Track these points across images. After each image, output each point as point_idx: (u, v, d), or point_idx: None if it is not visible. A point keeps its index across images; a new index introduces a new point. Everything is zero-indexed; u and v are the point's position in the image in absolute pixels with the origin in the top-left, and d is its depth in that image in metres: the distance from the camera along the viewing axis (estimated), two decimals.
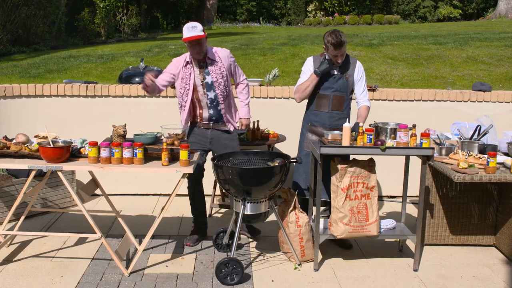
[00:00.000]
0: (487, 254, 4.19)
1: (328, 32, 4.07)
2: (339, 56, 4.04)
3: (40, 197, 4.89)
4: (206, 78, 4.02)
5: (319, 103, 4.23)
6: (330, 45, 3.99)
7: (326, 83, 4.17)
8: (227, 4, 28.11)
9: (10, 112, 5.36)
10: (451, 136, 4.63)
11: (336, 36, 3.97)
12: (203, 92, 4.04)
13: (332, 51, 4.01)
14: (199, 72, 4.03)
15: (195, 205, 4.31)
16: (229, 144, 4.14)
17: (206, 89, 4.03)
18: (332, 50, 4.01)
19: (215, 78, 4.01)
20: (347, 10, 22.71)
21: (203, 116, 4.12)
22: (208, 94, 4.04)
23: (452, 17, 29.04)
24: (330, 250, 4.11)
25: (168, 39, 13.08)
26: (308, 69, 4.21)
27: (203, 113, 4.11)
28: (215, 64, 4.03)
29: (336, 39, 3.97)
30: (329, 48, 4.02)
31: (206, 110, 4.09)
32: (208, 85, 4.02)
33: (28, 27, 11.49)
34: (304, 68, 4.23)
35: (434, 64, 7.78)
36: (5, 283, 3.49)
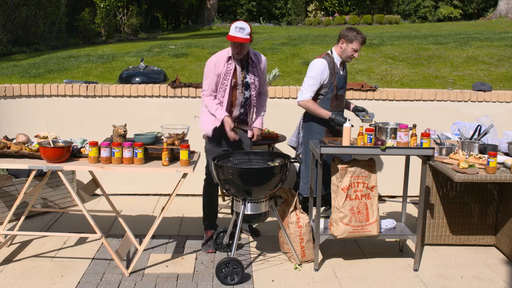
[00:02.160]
0: (488, 254, 4.19)
1: (349, 28, 4.20)
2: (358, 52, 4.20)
3: (41, 197, 4.89)
4: (246, 77, 3.99)
5: (336, 104, 4.28)
6: (358, 41, 4.12)
7: (341, 83, 4.25)
8: (227, 4, 28.10)
9: (10, 112, 5.36)
10: (451, 136, 4.63)
11: (363, 34, 4.16)
12: (241, 91, 4.00)
13: (357, 46, 4.13)
14: (241, 70, 3.98)
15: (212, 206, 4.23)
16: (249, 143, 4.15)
17: (245, 87, 4.00)
18: (357, 45, 4.13)
19: (252, 79, 4.00)
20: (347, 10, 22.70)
21: (232, 116, 4.02)
22: (245, 93, 4.01)
23: (453, 17, 29.03)
24: (330, 250, 4.11)
25: (168, 39, 13.08)
26: (319, 75, 4.16)
27: (234, 111, 4.04)
28: (255, 66, 4.01)
29: (364, 37, 4.17)
30: (353, 42, 4.12)
31: (237, 109, 4.04)
32: (247, 84, 4.00)
33: (28, 27, 11.48)
34: (315, 74, 4.17)
35: (435, 64, 7.77)
36: (5, 283, 3.49)
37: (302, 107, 4.24)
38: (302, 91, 4.21)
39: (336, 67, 4.23)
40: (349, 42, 4.15)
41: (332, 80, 4.20)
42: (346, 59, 4.22)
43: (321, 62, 4.20)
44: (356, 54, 4.19)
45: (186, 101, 5.49)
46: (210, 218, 4.25)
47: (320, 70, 4.17)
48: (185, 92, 5.48)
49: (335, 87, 4.22)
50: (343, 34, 4.18)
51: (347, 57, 4.20)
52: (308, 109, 4.21)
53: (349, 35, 4.14)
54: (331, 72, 4.19)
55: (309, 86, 4.18)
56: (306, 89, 4.19)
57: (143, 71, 5.94)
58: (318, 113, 4.15)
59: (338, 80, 4.24)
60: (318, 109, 4.15)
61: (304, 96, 4.18)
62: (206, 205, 4.25)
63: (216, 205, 4.28)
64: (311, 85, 4.17)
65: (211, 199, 4.23)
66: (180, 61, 7.86)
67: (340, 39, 4.21)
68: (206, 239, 4.15)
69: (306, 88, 4.20)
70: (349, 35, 4.15)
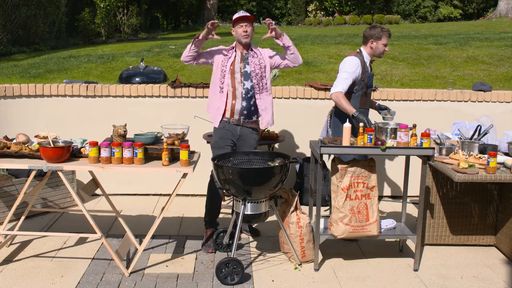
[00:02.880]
0: (488, 254, 4.19)
1: (372, 27, 4.40)
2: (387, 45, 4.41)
3: (41, 197, 4.89)
4: (246, 67, 4.06)
5: (364, 101, 4.39)
6: (385, 35, 4.33)
7: (370, 81, 4.40)
8: (227, 4, 28.09)
9: (10, 112, 5.36)
10: (451, 136, 4.63)
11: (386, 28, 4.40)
12: (240, 80, 4.03)
13: (386, 40, 4.34)
14: (240, 60, 4.06)
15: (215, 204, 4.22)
16: (254, 145, 4.16)
17: (244, 77, 4.03)
18: (386, 39, 4.34)
19: (253, 68, 4.04)
20: (347, 10, 22.70)
21: (235, 109, 4.04)
22: (244, 83, 4.03)
23: (453, 17, 29.01)
24: (330, 251, 4.11)
25: (168, 39, 13.07)
26: (354, 71, 4.24)
27: (236, 104, 4.04)
28: (256, 56, 4.08)
29: (388, 30, 4.40)
30: (381, 38, 4.31)
31: (239, 101, 4.03)
32: (247, 74, 4.04)
33: (28, 27, 11.48)
34: (350, 70, 4.24)
35: (435, 64, 7.77)
36: (5, 283, 3.49)
37: (333, 99, 4.26)
38: (336, 85, 4.24)
39: (366, 66, 4.34)
40: (378, 39, 4.32)
41: (363, 78, 4.30)
42: (380, 55, 4.40)
43: (354, 59, 4.30)
44: (387, 48, 4.39)
45: (186, 101, 5.50)
46: (211, 215, 4.25)
47: (354, 66, 4.26)
48: (185, 92, 5.48)
49: (365, 85, 4.32)
50: (369, 34, 4.34)
51: (380, 53, 4.38)
52: (338, 102, 4.21)
53: (375, 33, 4.32)
54: (362, 71, 4.29)
55: (343, 80, 4.22)
56: (340, 83, 4.22)
57: (143, 71, 5.94)
58: (344, 107, 4.17)
59: (368, 78, 4.35)
60: (346, 104, 4.16)
61: (337, 89, 4.20)
62: (209, 201, 4.24)
63: (219, 204, 4.27)
64: (345, 79, 4.22)
65: (214, 196, 4.22)
66: (180, 61, 7.85)
67: (368, 39, 4.35)
68: (206, 238, 4.15)
69: (340, 82, 4.23)
70: (375, 33, 4.32)
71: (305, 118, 5.56)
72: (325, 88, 5.55)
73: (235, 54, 4.08)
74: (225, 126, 4.10)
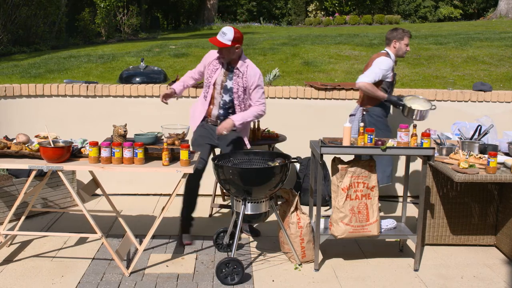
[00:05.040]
0: (488, 254, 4.19)
1: (393, 29, 4.75)
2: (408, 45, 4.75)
3: (41, 197, 4.89)
4: (227, 81, 4.07)
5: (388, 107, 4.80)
6: (407, 36, 4.68)
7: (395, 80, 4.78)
8: (227, 4, 28.09)
9: (10, 112, 5.36)
10: (451, 136, 4.64)
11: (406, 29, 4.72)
12: (220, 92, 4.08)
13: (407, 40, 4.68)
14: (224, 73, 4.09)
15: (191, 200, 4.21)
16: (236, 141, 4.16)
17: (223, 91, 4.08)
18: (407, 40, 4.69)
19: (235, 86, 4.06)
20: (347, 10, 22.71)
21: (211, 113, 4.16)
22: (223, 95, 4.08)
23: (453, 17, 29.01)
24: (330, 251, 4.11)
25: (168, 39, 13.08)
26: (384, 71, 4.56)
27: (213, 110, 4.14)
28: (240, 76, 4.06)
29: (409, 30, 4.72)
30: (404, 38, 4.66)
31: (216, 109, 4.13)
32: (227, 88, 4.07)
33: (28, 27, 11.48)
34: (382, 69, 4.55)
35: (435, 64, 7.77)
36: (5, 283, 3.49)
37: (361, 88, 4.55)
38: (365, 75, 4.53)
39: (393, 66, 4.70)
40: (400, 40, 4.67)
41: (392, 78, 4.67)
42: (402, 55, 4.76)
43: (389, 61, 4.62)
44: (408, 48, 4.75)
45: (186, 101, 5.49)
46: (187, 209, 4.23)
47: (388, 67, 4.58)
48: (185, 92, 5.48)
49: (391, 84, 4.70)
50: (392, 36, 4.71)
51: (403, 53, 4.74)
52: (367, 91, 4.53)
53: (397, 35, 4.68)
54: (392, 71, 4.65)
55: (374, 74, 4.52)
56: (370, 75, 4.52)
57: (143, 71, 5.94)
58: (376, 95, 4.54)
59: (394, 77, 4.74)
60: (376, 91, 4.53)
61: (368, 79, 4.50)
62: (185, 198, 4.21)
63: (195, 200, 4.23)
64: (375, 74, 4.52)
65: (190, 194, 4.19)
66: (180, 61, 7.86)
67: (391, 41, 4.71)
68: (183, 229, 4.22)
69: (370, 74, 4.53)
70: (397, 34, 4.68)
71: (305, 118, 5.56)
72: (325, 88, 5.55)
73: (221, 67, 4.10)
74: (204, 125, 4.20)
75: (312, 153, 4.04)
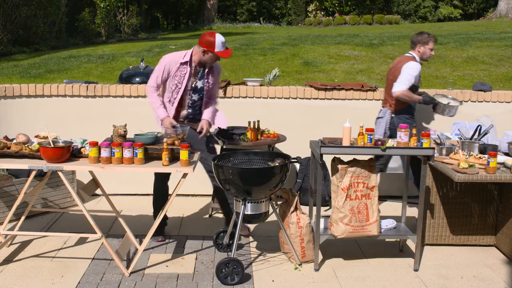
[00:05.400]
0: (488, 254, 4.19)
1: (419, 33, 4.88)
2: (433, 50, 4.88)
3: (41, 197, 4.89)
4: (197, 82, 4.18)
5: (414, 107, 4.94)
6: (432, 41, 4.81)
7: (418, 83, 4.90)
8: (227, 4, 28.09)
9: (10, 112, 5.36)
10: (451, 136, 4.64)
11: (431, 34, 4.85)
12: (190, 93, 4.19)
13: (432, 45, 4.81)
14: (193, 76, 4.18)
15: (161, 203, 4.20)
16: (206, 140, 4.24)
17: (193, 91, 4.19)
18: (432, 44, 4.81)
19: (207, 85, 4.19)
20: (347, 10, 22.71)
21: (180, 114, 4.23)
22: (192, 96, 4.19)
23: (453, 17, 29.01)
24: (330, 251, 4.12)
25: (168, 39, 13.08)
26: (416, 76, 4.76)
27: (182, 111, 4.23)
28: (211, 72, 4.21)
29: (434, 35, 4.85)
30: (428, 43, 4.79)
31: (185, 109, 4.23)
32: (197, 89, 4.19)
33: (28, 27, 11.49)
34: (414, 75, 4.74)
35: (435, 64, 7.77)
36: (5, 283, 3.49)
37: (400, 96, 4.73)
38: (401, 83, 4.71)
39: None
40: (425, 44, 4.79)
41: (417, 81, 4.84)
42: (426, 58, 4.87)
43: (418, 66, 4.78)
44: (433, 52, 4.85)
45: None
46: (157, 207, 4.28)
47: (418, 72, 4.76)
48: None
49: (416, 87, 4.84)
50: (417, 40, 4.83)
51: (427, 57, 4.85)
52: (405, 98, 4.73)
53: (422, 39, 4.80)
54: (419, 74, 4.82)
55: (408, 81, 4.71)
56: (405, 82, 4.71)
57: (143, 71, 5.94)
58: (413, 99, 4.77)
59: (419, 79, 4.89)
60: (413, 96, 4.75)
61: (403, 86, 4.70)
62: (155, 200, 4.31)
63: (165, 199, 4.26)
64: (409, 81, 4.71)
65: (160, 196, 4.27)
66: None
67: (416, 44, 4.84)
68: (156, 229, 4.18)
69: (404, 82, 4.71)
70: (422, 38, 4.80)
71: (305, 118, 5.56)
72: (325, 88, 5.55)
73: (188, 69, 4.13)
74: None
75: (312, 153, 4.04)
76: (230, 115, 5.46)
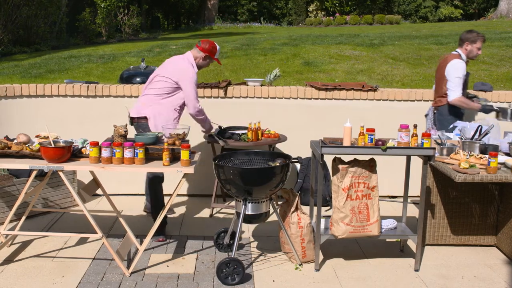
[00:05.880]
0: (488, 254, 4.19)
1: (469, 31, 4.90)
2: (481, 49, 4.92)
3: (41, 197, 4.89)
4: None
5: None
6: (480, 40, 4.84)
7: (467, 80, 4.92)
8: (228, 4, 28.10)
9: (11, 112, 5.37)
10: (452, 136, 4.63)
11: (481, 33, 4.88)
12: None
13: (480, 44, 4.85)
14: None
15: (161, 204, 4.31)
16: None
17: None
18: (480, 44, 4.85)
19: None
20: (348, 10, 22.72)
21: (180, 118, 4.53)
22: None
23: (453, 17, 29.00)
24: (331, 251, 4.12)
25: (169, 39, 13.09)
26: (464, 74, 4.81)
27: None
28: None
29: (483, 35, 4.88)
30: (476, 42, 4.82)
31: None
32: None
33: (29, 27, 11.50)
34: (461, 74, 4.79)
35: (435, 64, 7.77)
36: (6, 283, 3.49)
37: (456, 104, 4.82)
38: (453, 90, 4.79)
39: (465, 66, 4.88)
40: (473, 43, 4.84)
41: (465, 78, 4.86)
42: (473, 57, 4.90)
43: (462, 63, 4.82)
44: (480, 52, 4.88)
45: None
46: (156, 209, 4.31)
47: (464, 70, 4.79)
48: None
49: (465, 83, 4.87)
50: (465, 37, 4.87)
51: (473, 56, 4.89)
52: (462, 105, 4.81)
53: (471, 37, 4.84)
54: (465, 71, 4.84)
55: (458, 85, 4.78)
56: (456, 88, 4.79)
57: (143, 71, 5.94)
58: (470, 107, 4.84)
59: (467, 77, 4.89)
60: (470, 104, 4.83)
61: (457, 93, 4.79)
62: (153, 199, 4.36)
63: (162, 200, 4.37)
64: (460, 84, 4.78)
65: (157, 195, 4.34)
66: None
67: (464, 42, 4.89)
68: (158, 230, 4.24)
69: (456, 87, 4.79)
70: (471, 37, 4.84)
71: (305, 118, 5.56)
72: (325, 88, 5.55)
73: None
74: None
75: (313, 153, 4.04)
76: (231, 115, 5.48)
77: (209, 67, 5.25)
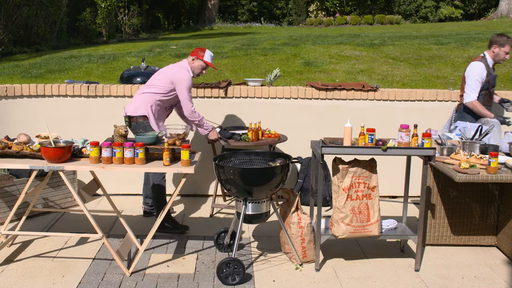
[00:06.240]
0: (489, 254, 4.19)
1: (499, 34, 4.95)
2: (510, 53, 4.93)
3: (42, 197, 4.89)
4: None
5: (488, 100, 4.94)
6: (509, 44, 4.85)
7: (494, 82, 4.95)
8: (228, 4, 28.10)
9: (11, 112, 5.37)
10: (452, 137, 4.64)
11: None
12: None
13: (508, 49, 4.86)
14: None
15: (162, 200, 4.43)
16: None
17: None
18: (508, 48, 4.86)
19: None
20: (348, 10, 22.72)
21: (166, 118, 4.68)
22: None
23: (454, 17, 29.00)
24: (331, 251, 4.12)
25: (169, 39, 13.09)
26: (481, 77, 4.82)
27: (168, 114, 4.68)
28: None
29: None
30: (505, 46, 4.84)
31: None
32: None
33: (29, 27, 11.50)
34: (478, 77, 4.81)
35: (436, 64, 7.78)
36: (6, 283, 3.49)
37: (469, 107, 4.85)
38: (469, 93, 4.83)
39: (489, 68, 4.88)
40: (501, 46, 4.86)
41: (487, 80, 4.85)
42: (499, 61, 4.93)
43: (480, 65, 4.85)
44: (507, 56, 4.90)
45: None
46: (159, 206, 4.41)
47: (481, 72, 4.81)
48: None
49: (490, 86, 4.88)
50: (494, 40, 4.90)
51: (500, 59, 4.91)
52: (475, 109, 4.82)
53: (500, 41, 4.87)
54: (487, 73, 4.83)
55: (475, 88, 4.81)
56: (472, 91, 4.82)
57: (144, 71, 5.94)
58: (483, 113, 4.79)
59: (492, 79, 4.90)
60: (483, 110, 4.81)
61: (472, 97, 4.81)
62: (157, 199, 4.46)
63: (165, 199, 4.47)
64: (476, 87, 4.81)
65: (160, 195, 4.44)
66: None
67: (492, 44, 4.91)
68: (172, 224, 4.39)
69: (472, 90, 4.82)
70: (500, 40, 4.87)
71: (306, 118, 5.56)
72: (326, 88, 5.55)
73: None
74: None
75: (313, 153, 4.04)
76: (231, 115, 5.48)
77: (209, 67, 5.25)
